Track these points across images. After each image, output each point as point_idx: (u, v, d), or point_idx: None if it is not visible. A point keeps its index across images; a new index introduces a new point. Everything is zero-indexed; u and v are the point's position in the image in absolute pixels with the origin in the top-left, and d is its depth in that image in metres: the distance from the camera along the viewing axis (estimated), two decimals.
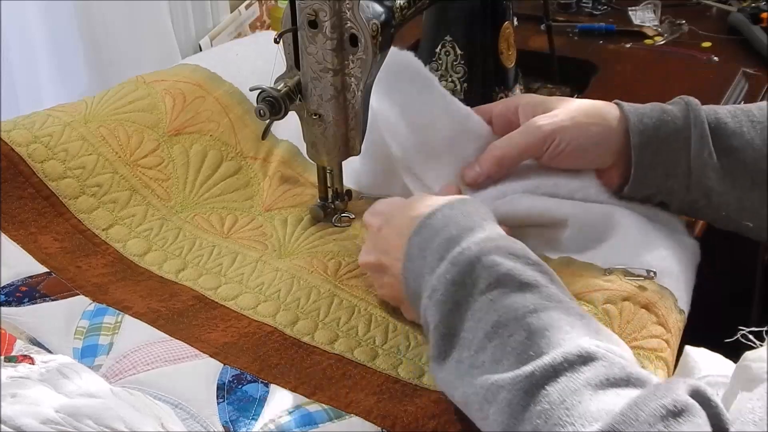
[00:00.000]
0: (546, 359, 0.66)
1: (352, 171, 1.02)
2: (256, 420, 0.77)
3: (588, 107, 0.96)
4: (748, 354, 0.70)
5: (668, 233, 0.93)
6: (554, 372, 0.65)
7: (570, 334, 0.68)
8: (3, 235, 0.93)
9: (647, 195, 0.95)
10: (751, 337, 0.75)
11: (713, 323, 0.93)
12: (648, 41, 1.41)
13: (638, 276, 0.87)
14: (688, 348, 0.80)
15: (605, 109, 0.96)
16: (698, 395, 0.62)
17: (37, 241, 0.94)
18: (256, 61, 1.07)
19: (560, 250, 0.93)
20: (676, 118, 0.93)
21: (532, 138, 0.94)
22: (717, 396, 0.64)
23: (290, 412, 0.77)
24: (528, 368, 0.66)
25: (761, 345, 0.73)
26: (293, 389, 0.80)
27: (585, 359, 0.66)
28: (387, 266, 0.84)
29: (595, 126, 0.94)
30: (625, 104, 0.95)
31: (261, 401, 0.79)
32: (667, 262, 0.89)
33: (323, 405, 0.78)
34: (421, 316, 0.78)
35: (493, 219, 0.82)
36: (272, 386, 0.80)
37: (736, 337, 0.76)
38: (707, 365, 0.78)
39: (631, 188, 0.94)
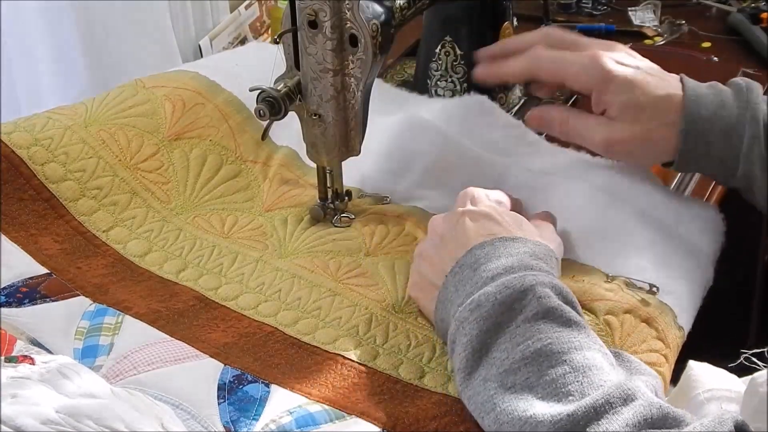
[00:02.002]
0: (588, 400, 0.67)
1: (356, 169, 1.02)
2: (257, 420, 0.77)
3: (655, 69, 0.98)
4: (756, 377, 0.70)
5: (683, 253, 0.93)
6: (596, 414, 0.66)
7: (611, 376, 0.70)
8: (3, 236, 0.93)
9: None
10: (754, 359, 0.75)
11: (713, 324, 0.93)
12: (648, 41, 1.41)
13: (640, 289, 0.87)
14: (691, 362, 0.80)
15: (668, 79, 0.97)
16: (741, 427, 0.64)
17: (38, 242, 0.94)
18: (256, 71, 1.07)
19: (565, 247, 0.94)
20: (732, 115, 0.92)
21: (592, 75, 0.96)
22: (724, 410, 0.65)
23: (291, 413, 0.77)
24: (570, 407, 0.67)
25: (765, 366, 0.73)
26: (294, 389, 0.80)
27: (625, 399, 0.67)
28: (446, 247, 0.84)
29: (659, 89, 0.95)
30: (688, 85, 0.95)
31: (262, 401, 0.79)
32: (670, 281, 0.89)
33: (324, 405, 0.78)
34: (453, 327, 0.78)
35: (558, 270, 0.83)
36: (273, 386, 0.80)
37: (739, 361, 0.76)
38: (710, 380, 0.78)
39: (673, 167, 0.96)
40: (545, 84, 1.04)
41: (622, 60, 0.96)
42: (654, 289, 0.87)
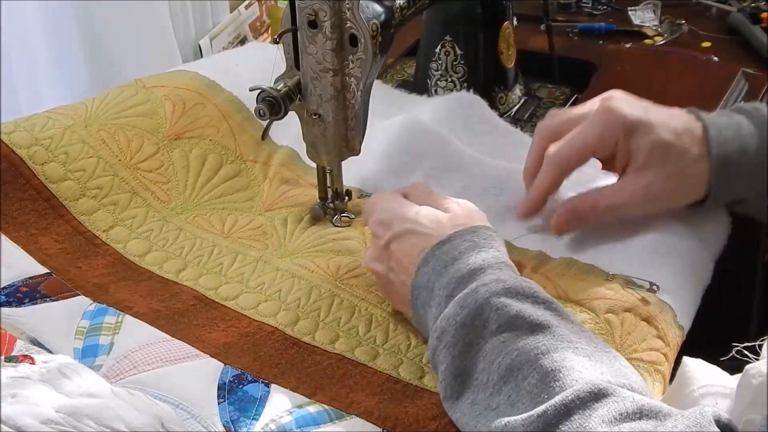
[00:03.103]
0: (558, 399, 0.66)
1: (356, 169, 1.02)
2: (257, 420, 0.77)
3: (661, 108, 0.94)
4: (749, 369, 0.70)
5: (683, 252, 0.93)
6: (566, 411, 0.66)
7: (582, 374, 0.69)
8: (3, 236, 0.93)
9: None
10: (746, 352, 0.75)
11: (713, 323, 0.93)
12: (648, 41, 1.41)
13: (640, 287, 0.87)
14: (686, 359, 0.81)
15: (677, 113, 0.93)
16: (718, 422, 0.63)
17: (38, 242, 0.94)
18: (256, 71, 1.07)
19: (562, 248, 0.94)
20: (752, 132, 0.91)
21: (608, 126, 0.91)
22: (718, 405, 0.65)
23: (291, 412, 0.78)
24: (540, 408, 0.67)
25: (757, 359, 0.73)
26: (294, 389, 0.80)
27: (596, 395, 0.66)
28: (395, 284, 0.84)
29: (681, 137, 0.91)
30: (701, 114, 0.93)
31: (262, 401, 0.79)
32: (669, 279, 0.89)
33: (324, 405, 0.78)
34: (430, 354, 0.78)
35: (502, 248, 0.82)
36: (273, 386, 0.80)
37: (731, 354, 0.76)
38: (704, 376, 0.78)
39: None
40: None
41: (631, 103, 0.92)
42: (654, 287, 0.87)
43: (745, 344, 0.75)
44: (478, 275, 0.77)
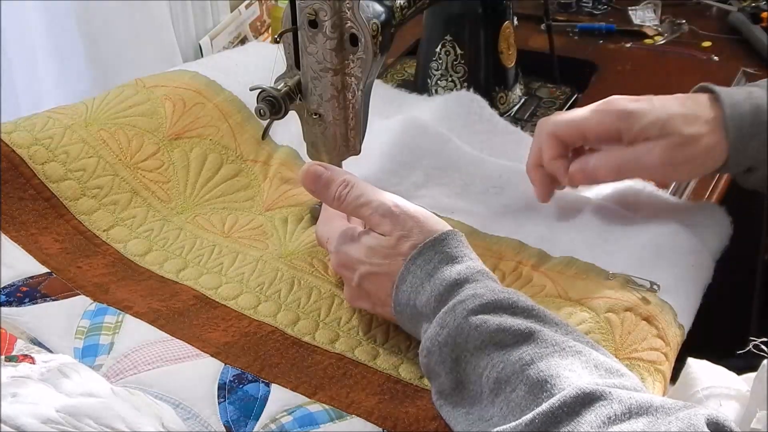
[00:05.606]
0: (545, 406, 0.66)
1: (357, 168, 1.02)
2: (257, 420, 0.77)
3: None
4: (766, 364, 0.69)
5: (680, 251, 0.93)
6: (555, 418, 0.65)
7: (570, 380, 0.68)
8: (4, 235, 0.93)
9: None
10: (763, 347, 0.75)
11: (713, 323, 0.94)
12: (648, 41, 1.41)
13: (641, 286, 0.87)
14: (690, 360, 0.80)
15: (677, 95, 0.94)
16: (716, 425, 0.63)
17: (38, 242, 0.94)
18: (256, 70, 1.07)
19: (562, 248, 0.94)
20: (763, 95, 0.91)
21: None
22: (722, 407, 0.64)
23: (291, 412, 0.78)
24: (528, 416, 0.66)
25: None
26: (294, 389, 0.80)
27: (584, 401, 0.66)
28: (384, 314, 0.85)
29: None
30: (707, 85, 0.93)
31: (262, 401, 0.79)
32: (669, 279, 0.89)
33: (324, 405, 0.78)
34: (423, 371, 0.78)
35: (473, 254, 0.81)
36: (273, 386, 0.80)
37: (748, 348, 0.76)
38: (709, 377, 0.78)
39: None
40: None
41: (628, 97, 0.94)
42: (654, 287, 0.87)
43: (763, 339, 0.75)
44: (455, 291, 0.77)
